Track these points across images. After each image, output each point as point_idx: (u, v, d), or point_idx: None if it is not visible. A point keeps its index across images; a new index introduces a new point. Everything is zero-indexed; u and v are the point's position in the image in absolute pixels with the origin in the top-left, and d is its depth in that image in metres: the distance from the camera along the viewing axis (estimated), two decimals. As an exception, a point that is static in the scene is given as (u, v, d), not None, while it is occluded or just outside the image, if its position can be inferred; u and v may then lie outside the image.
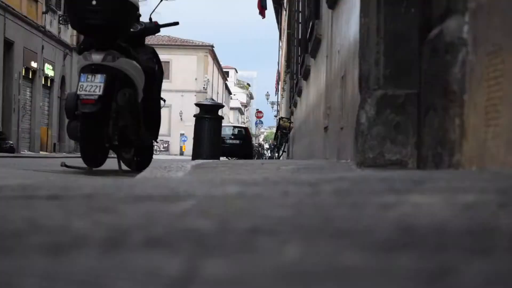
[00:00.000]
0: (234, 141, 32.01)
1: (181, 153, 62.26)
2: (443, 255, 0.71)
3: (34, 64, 28.99)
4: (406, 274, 0.61)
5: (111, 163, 7.73)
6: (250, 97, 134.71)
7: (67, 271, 0.65)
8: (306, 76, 16.83)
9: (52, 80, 31.72)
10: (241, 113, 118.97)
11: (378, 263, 0.67)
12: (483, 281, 0.58)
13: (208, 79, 66.88)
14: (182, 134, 64.06)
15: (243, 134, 33.55)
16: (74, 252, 0.76)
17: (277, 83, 62.93)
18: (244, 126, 41.08)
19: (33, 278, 0.62)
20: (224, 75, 72.40)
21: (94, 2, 6.56)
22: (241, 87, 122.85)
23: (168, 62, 58.83)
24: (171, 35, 65.99)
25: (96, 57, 6.70)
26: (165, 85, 8.90)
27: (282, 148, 25.60)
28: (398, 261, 0.68)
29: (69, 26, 23.81)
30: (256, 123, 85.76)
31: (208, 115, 10.41)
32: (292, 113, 26.15)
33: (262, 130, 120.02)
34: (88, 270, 0.66)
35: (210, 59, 68.15)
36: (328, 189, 1.53)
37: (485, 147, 2.37)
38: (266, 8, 35.50)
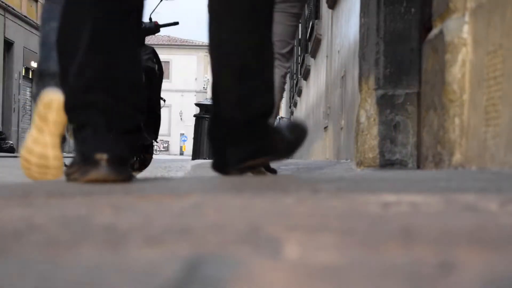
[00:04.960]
0: None
1: (181, 153, 62.25)
2: (443, 255, 0.71)
3: (34, 64, 29.00)
4: (406, 274, 0.61)
5: (111, 163, 7.71)
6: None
7: (66, 271, 0.65)
8: (306, 76, 16.82)
9: (52, 80, 31.71)
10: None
11: (378, 263, 0.67)
12: (483, 281, 0.58)
13: (208, 79, 66.84)
14: (182, 134, 64.07)
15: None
16: (73, 252, 0.76)
17: (277, 83, 62.76)
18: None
19: (32, 278, 0.62)
20: (224, 75, 72.12)
21: (94, 2, 6.56)
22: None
23: (168, 62, 58.81)
24: (171, 35, 65.95)
25: (96, 57, 6.70)
26: (165, 85, 8.90)
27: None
28: (397, 261, 0.68)
29: (69, 26, 23.72)
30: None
31: (208, 115, 10.44)
32: (292, 113, 26.15)
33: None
34: (88, 270, 0.66)
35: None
36: (328, 189, 1.53)
37: (485, 147, 2.37)
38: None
